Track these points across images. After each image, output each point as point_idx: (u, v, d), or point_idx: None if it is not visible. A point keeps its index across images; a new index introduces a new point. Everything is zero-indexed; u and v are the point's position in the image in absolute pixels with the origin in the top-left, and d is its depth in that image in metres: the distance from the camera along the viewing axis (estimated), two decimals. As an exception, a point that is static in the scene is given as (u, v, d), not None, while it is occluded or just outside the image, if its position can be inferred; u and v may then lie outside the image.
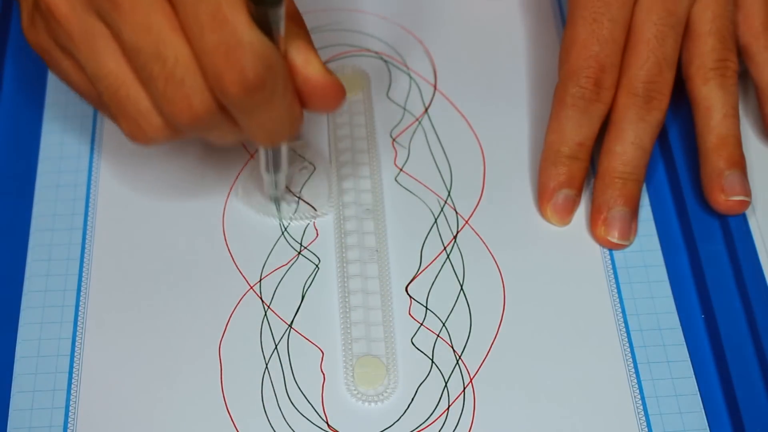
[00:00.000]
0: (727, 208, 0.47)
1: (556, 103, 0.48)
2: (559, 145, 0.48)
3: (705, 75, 0.48)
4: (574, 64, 0.47)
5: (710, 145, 0.48)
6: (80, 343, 0.45)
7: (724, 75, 0.48)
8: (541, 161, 0.48)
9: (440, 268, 0.47)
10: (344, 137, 0.51)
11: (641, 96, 0.47)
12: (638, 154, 0.47)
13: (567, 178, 0.48)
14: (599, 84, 0.47)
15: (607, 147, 0.48)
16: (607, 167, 0.47)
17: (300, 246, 0.47)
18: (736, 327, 0.45)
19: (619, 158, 0.47)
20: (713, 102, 0.48)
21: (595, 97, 0.47)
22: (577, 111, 0.47)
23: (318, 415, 0.43)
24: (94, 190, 0.49)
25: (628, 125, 0.47)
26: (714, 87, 0.48)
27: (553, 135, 0.48)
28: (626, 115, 0.47)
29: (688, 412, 0.43)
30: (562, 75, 0.48)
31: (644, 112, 0.47)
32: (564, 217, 0.48)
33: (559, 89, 0.48)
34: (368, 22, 0.55)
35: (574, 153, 0.48)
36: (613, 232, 0.47)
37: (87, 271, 0.46)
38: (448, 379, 0.44)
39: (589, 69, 0.47)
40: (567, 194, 0.48)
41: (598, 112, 0.48)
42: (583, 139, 0.48)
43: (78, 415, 0.43)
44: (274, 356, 0.44)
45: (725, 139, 0.48)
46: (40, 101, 0.52)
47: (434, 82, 0.53)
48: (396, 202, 0.49)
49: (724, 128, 0.48)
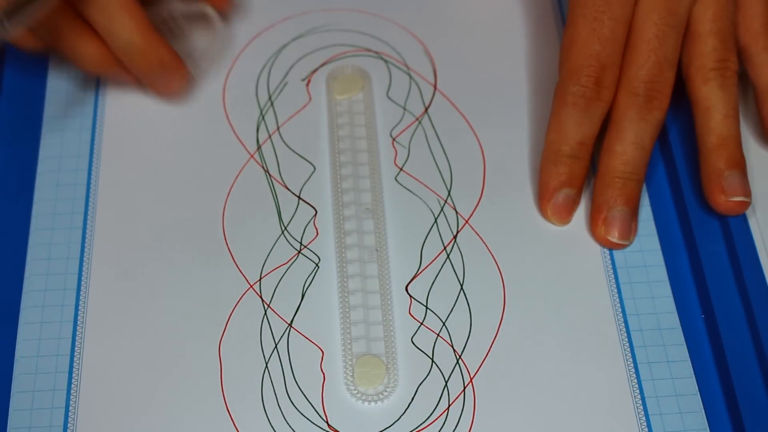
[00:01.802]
0: (727, 208, 0.47)
1: (556, 102, 0.48)
2: (559, 144, 0.48)
3: (705, 75, 0.48)
4: (574, 63, 0.47)
5: (710, 146, 0.48)
6: (80, 342, 0.45)
7: (725, 75, 0.48)
8: (542, 160, 0.48)
9: (440, 267, 0.47)
10: (344, 137, 0.51)
11: (642, 95, 0.47)
12: (638, 153, 0.47)
13: (567, 178, 0.48)
14: (600, 83, 0.47)
15: (607, 146, 0.48)
16: (607, 167, 0.47)
17: (300, 245, 0.47)
18: (736, 327, 0.45)
19: (619, 158, 0.47)
20: (713, 102, 0.48)
21: (595, 95, 0.47)
22: (578, 110, 0.47)
23: (318, 414, 0.43)
24: (93, 189, 0.49)
25: (629, 125, 0.47)
26: (714, 87, 0.48)
27: (554, 134, 0.48)
28: (627, 114, 0.47)
29: (688, 412, 0.43)
30: (563, 74, 0.48)
31: (645, 112, 0.47)
32: (564, 216, 0.48)
33: (560, 88, 0.48)
34: (368, 22, 0.55)
35: (575, 152, 0.48)
36: (613, 232, 0.47)
37: (87, 270, 0.46)
38: (448, 378, 0.44)
39: (589, 68, 0.47)
40: (567, 194, 0.48)
41: (598, 110, 0.48)
42: (583, 138, 0.48)
43: (78, 415, 0.43)
44: (274, 355, 0.44)
45: (725, 140, 0.48)
46: (40, 101, 0.52)
47: (434, 82, 0.53)
48: (396, 202, 0.49)
49: (724, 129, 0.48)
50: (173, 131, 0.51)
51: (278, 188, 0.49)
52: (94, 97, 0.52)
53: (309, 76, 0.53)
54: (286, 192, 0.49)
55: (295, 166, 0.50)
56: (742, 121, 0.51)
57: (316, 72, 0.53)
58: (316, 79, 0.53)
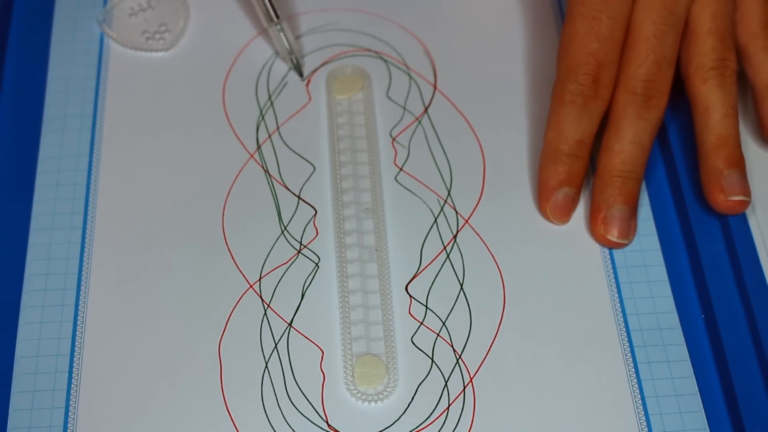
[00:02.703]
0: (727, 207, 0.47)
1: (554, 101, 0.48)
2: (558, 143, 0.48)
3: (704, 75, 0.48)
4: (572, 61, 0.47)
5: (709, 145, 0.48)
6: (80, 342, 0.45)
7: (723, 74, 0.48)
8: (541, 159, 0.48)
9: (440, 267, 0.47)
10: (344, 137, 0.51)
11: (640, 94, 0.47)
12: (637, 152, 0.47)
13: (566, 177, 0.47)
14: (597, 81, 0.47)
15: (606, 145, 0.48)
16: (606, 165, 0.47)
17: (300, 245, 0.47)
18: (736, 327, 0.45)
19: (618, 156, 0.47)
20: (712, 102, 0.48)
21: (593, 94, 0.47)
22: (576, 108, 0.47)
23: (318, 414, 0.43)
24: (93, 189, 0.49)
25: (627, 123, 0.47)
26: (713, 86, 0.48)
27: (552, 132, 0.48)
28: (625, 113, 0.47)
29: (688, 411, 0.43)
30: (561, 72, 0.48)
31: (643, 111, 0.47)
32: (563, 215, 0.48)
33: (558, 86, 0.48)
34: (368, 22, 0.55)
35: (574, 151, 0.47)
36: (612, 231, 0.47)
37: (86, 270, 0.46)
38: (448, 378, 0.44)
39: (587, 66, 0.47)
40: (566, 192, 0.48)
41: (596, 109, 0.48)
42: (582, 136, 0.47)
43: (78, 415, 0.43)
44: (274, 355, 0.44)
45: (725, 139, 0.48)
46: (40, 101, 0.52)
47: (434, 81, 0.53)
48: (396, 202, 0.49)
49: (723, 128, 0.48)
50: (173, 131, 0.51)
51: (278, 188, 0.49)
52: (94, 97, 0.52)
53: (309, 76, 0.53)
54: (286, 192, 0.49)
55: (295, 165, 0.50)
56: (741, 120, 0.51)
57: (316, 72, 0.53)
58: (316, 78, 0.53)
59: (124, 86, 0.52)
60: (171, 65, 0.53)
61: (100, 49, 0.54)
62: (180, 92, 0.52)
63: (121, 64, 0.53)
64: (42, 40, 0.54)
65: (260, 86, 0.53)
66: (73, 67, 0.53)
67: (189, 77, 0.53)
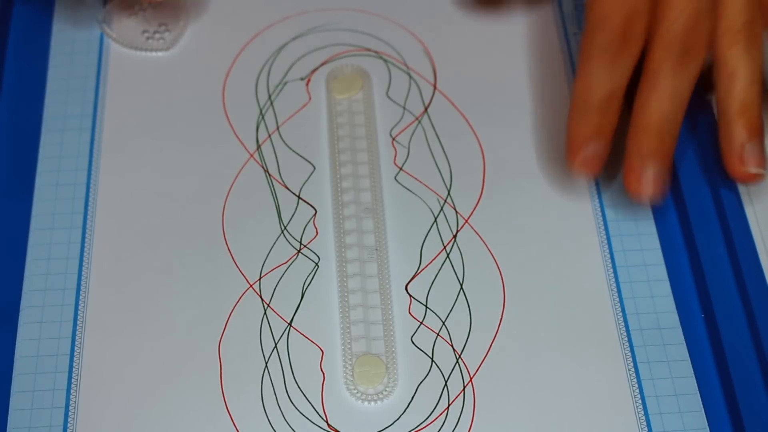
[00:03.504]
0: (745, 177, 0.46)
1: (582, 54, 0.45)
2: (587, 95, 0.45)
3: (733, 38, 0.46)
4: (599, 11, 0.45)
5: (733, 113, 0.46)
6: (80, 342, 0.45)
7: (751, 39, 0.46)
8: (569, 112, 0.46)
9: (440, 267, 0.47)
10: (344, 137, 0.51)
11: (677, 49, 0.44)
12: (676, 108, 0.45)
13: (597, 129, 0.45)
14: (628, 33, 0.45)
15: (641, 100, 0.45)
16: (643, 120, 0.45)
17: (300, 244, 0.47)
18: (736, 327, 0.45)
19: (655, 112, 0.45)
20: (738, 67, 0.46)
21: (622, 47, 0.45)
22: (604, 62, 0.45)
23: (318, 414, 0.43)
24: (93, 189, 0.49)
25: (664, 79, 0.45)
26: (740, 51, 0.46)
27: (582, 85, 0.45)
28: (662, 67, 0.45)
29: (688, 411, 0.43)
30: (588, 23, 0.45)
31: (681, 67, 0.45)
32: (593, 168, 0.46)
33: (586, 38, 0.45)
34: (368, 22, 0.55)
35: (604, 104, 0.45)
36: (647, 190, 0.45)
37: (86, 270, 0.46)
38: (448, 378, 0.44)
39: (616, 17, 0.44)
40: (596, 146, 0.45)
41: (627, 63, 0.45)
42: (612, 89, 0.45)
43: (78, 415, 0.43)
44: (274, 355, 0.44)
45: (749, 107, 0.46)
46: (40, 101, 0.52)
47: (434, 81, 0.53)
48: (396, 201, 0.49)
49: (747, 96, 0.46)
50: (173, 131, 0.51)
51: (278, 188, 0.49)
52: (94, 97, 0.52)
53: (309, 76, 0.53)
54: (286, 191, 0.49)
55: (295, 165, 0.50)
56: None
57: (316, 71, 0.53)
58: (316, 78, 0.53)
59: (124, 86, 0.52)
60: (171, 65, 0.53)
61: (100, 49, 0.54)
62: (180, 92, 0.52)
63: (121, 64, 0.53)
64: (42, 40, 0.54)
65: (260, 86, 0.53)
66: (73, 67, 0.53)
67: (189, 77, 0.53)
